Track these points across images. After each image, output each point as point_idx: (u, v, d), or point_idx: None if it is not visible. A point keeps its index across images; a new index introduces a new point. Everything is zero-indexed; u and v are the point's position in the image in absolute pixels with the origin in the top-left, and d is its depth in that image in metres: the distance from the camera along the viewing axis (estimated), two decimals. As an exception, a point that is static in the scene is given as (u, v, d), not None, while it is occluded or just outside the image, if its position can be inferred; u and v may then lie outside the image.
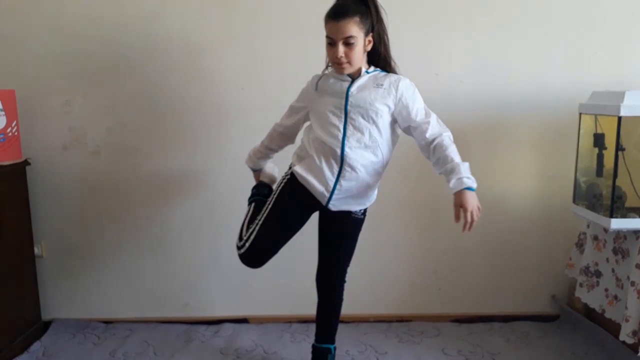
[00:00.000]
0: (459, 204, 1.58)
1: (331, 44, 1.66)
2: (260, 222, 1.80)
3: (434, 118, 1.72)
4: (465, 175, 1.60)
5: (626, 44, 2.28)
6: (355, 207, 1.80)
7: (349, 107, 1.69)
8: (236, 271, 2.40)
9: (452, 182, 1.60)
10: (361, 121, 1.69)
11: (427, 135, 1.70)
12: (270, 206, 1.81)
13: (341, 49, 1.63)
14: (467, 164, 1.63)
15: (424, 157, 1.76)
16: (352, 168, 1.70)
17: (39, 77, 2.27)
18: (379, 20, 1.70)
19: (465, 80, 2.29)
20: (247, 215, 1.90)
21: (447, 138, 1.70)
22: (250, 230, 1.81)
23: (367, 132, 1.69)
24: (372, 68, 1.75)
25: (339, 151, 1.69)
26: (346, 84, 1.71)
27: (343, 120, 1.70)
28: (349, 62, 1.66)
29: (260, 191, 1.97)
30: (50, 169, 2.33)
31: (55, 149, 2.32)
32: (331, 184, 1.72)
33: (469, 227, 1.58)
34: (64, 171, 2.33)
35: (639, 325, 1.81)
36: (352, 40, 1.63)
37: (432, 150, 1.70)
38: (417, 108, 1.72)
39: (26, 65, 2.26)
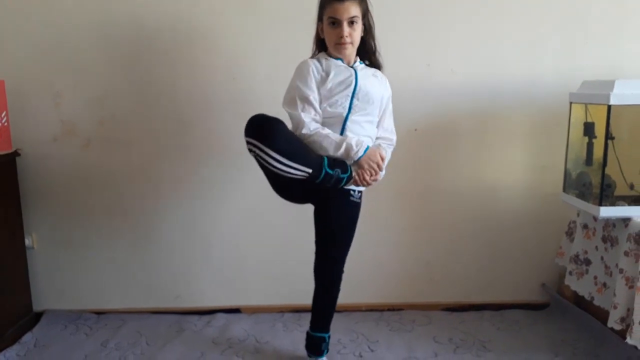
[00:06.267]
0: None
1: (334, 24, 1.74)
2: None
3: (392, 120, 1.97)
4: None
5: (616, 33, 2.29)
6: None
7: (356, 91, 1.79)
8: (228, 261, 2.42)
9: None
10: (365, 105, 1.82)
11: (381, 130, 1.93)
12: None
13: (346, 28, 1.73)
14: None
15: None
16: (352, 133, 1.81)
17: (29, 68, 2.25)
18: (368, 9, 1.81)
19: (457, 71, 2.30)
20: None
21: (391, 144, 1.96)
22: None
23: (368, 113, 1.84)
24: (358, 58, 1.87)
25: (342, 121, 1.79)
26: (351, 71, 1.80)
27: (349, 101, 1.79)
28: (352, 43, 1.77)
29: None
30: (40, 161, 2.31)
31: (46, 141, 2.30)
32: None
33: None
34: (55, 163, 2.32)
35: (627, 312, 1.83)
36: (356, 20, 1.75)
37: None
38: (389, 105, 1.94)
39: (16, 56, 2.24)
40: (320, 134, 1.74)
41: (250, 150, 1.66)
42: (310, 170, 1.67)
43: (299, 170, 1.65)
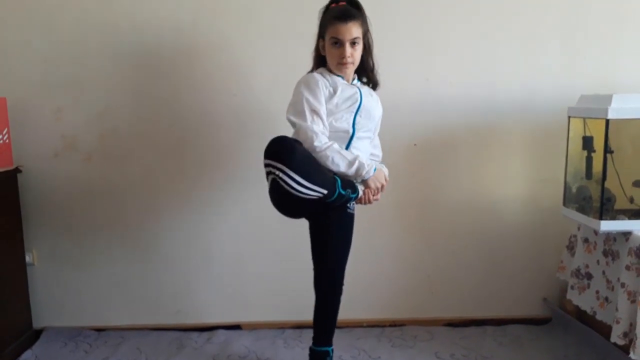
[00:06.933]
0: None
1: (336, 44, 1.79)
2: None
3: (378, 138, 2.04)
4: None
5: (613, 48, 2.31)
6: None
7: (360, 109, 1.84)
8: (229, 277, 2.41)
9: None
10: (366, 121, 1.87)
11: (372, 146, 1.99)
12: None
13: (349, 49, 1.78)
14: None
15: None
16: (357, 149, 1.86)
17: (30, 83, 2.26)
18: (368, 29, 1.85)
19: (456, 84, 2.31)
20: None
21: (379, 160, 2.03)
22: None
23: (368, 129, 1.90)
24: (356, 76, 1.92)
25: (348, 137, 1.83)
26: (356, 88, 1.86)
27: (353, 117, 1.83)
28: (353, 63, 1.82)
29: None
30: (41, 176, 2.32)
31: (47, 156, 2.31)
32: None
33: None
34: (56, 178, 2.33)
35: (629, 327, 1.82)
36: (357, 41, 1.80)
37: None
38: (379, 123, 1.99)
39: (17, 72, 2.25)
40: (333, 148, 1.74)
41: (269, 173, 1.64)
42: (325, 192, 1.67)
43: (315, 192, 1.65)
